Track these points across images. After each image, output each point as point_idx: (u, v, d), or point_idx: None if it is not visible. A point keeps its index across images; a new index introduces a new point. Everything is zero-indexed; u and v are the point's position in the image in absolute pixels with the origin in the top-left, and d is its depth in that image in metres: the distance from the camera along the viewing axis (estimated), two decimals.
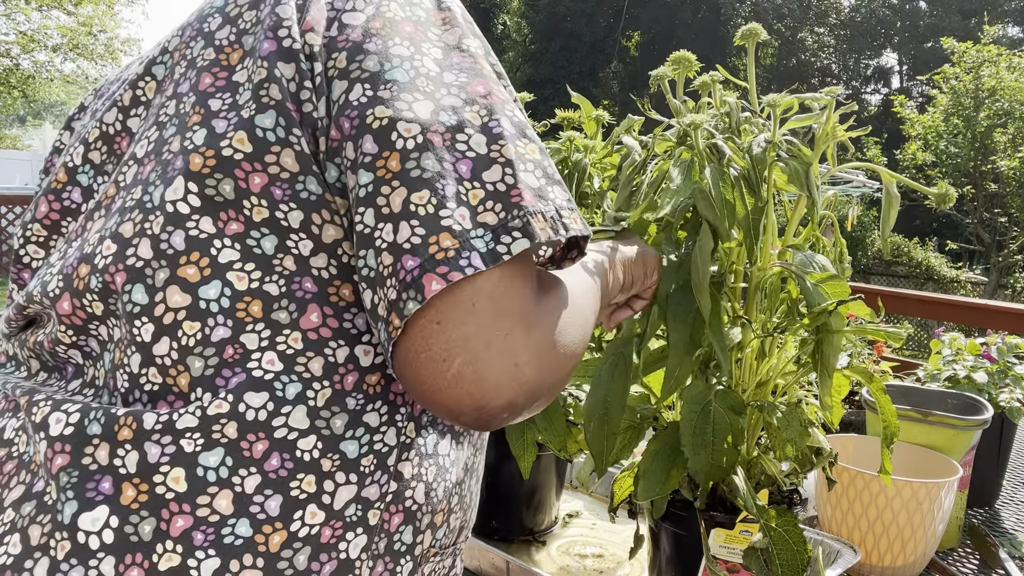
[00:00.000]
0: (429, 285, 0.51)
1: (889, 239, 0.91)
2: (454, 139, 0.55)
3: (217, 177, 0.57)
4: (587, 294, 0.69)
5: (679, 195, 0.82)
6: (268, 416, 0.55)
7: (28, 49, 14.97)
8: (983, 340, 1.53)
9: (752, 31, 0.87)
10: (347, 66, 0.58)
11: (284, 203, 0.58)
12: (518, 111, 0.60)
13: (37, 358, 0.67)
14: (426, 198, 0.53)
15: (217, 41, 0.64)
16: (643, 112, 0.99)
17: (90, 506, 0.54)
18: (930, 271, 14.23)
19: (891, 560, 1.12)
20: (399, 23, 0.60)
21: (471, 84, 0.59)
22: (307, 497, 0.56)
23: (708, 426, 0.85)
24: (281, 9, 0.61)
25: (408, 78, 0.57)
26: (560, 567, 1.15)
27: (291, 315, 0.57)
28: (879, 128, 20.17)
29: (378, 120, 0.55)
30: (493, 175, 0.55)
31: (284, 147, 0.58)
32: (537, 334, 0.55)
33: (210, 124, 0.59)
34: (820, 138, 0.87)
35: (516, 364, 0.53)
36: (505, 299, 0.53)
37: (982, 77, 13.04)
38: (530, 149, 0.58)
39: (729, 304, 0.90)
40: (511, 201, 0.55)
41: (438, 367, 0.52)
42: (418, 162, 0.54)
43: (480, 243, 0.53)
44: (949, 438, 1.22)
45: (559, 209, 0.57)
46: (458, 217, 0.53)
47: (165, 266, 0.57)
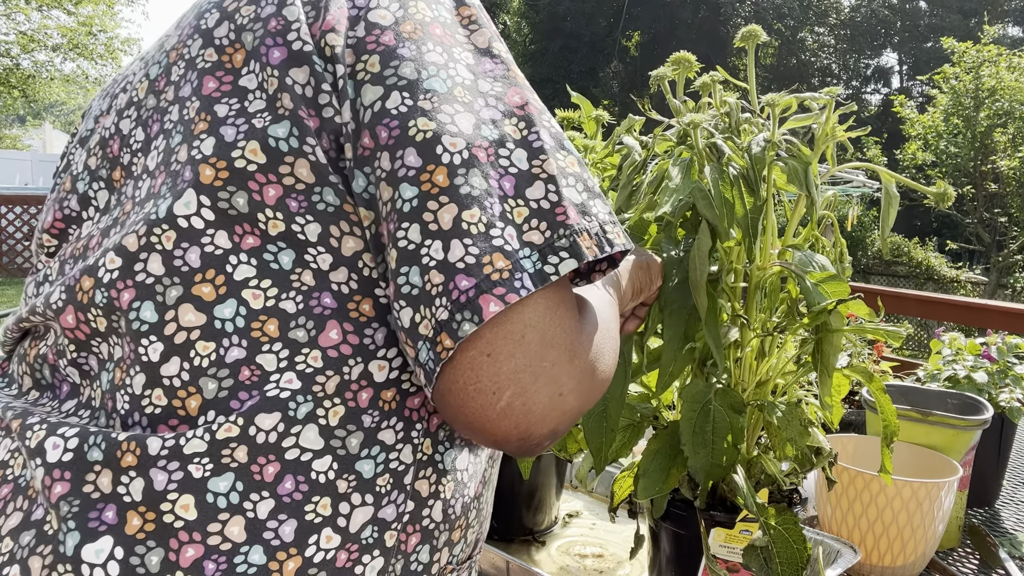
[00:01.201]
0: (487, 306, 0.50)
1: (889, 239, 0.91)
2: (497, 154, 0.54)
3: (230, 190, 0.55)
4: (612, 312, 0.68)
5: (678, 194, 0.82)
6: (279, 437, 0.53)
7: (28, 49, 14.97)
8: (983, 340, 1.53)
9: (752, 33, 0.87)
10: (382, 71, 0.55)
11: (300, 215, 0.56)
12: (553, 120, 0.59)
13: (32, 375, 0.64)
14: (477, 216, 0.52)
15: (217, 40, 0.61)
16: (643, 112, 0.99)
17: (93, 537, 0.51)
18: (930, 271, 14.23)
19: (891, 560, 1.12)
20: (429, 25, 0.58)
21: (507, 94, 0.57)
22: (322, 521, 0.54)
23: (708, 425, 0.85)
24: (288, 11, 0.59)
25: (446, 88, 0.55)
26: (560, 567, 1.15)
27: (309, 333, 0.55)
28: (879, 128, 20.17)
29: (422, 132, 0.53)
30: (536, 192, 0.54)
31: (298, 157, 0.56)
32: (579, 362, 0.55)
33: (218, 132, 0.57)
34: (820, 138, 0.87)
35: (561, 394, 0.53)
36: (552, 329, 0.53)
37: (982, 77, 13.05)
38: (569, 162, 0.57)
39: (729, 303, 0.90)
40: (556, 220, 0.53)
41: (487, 400, 0.51)
42: (466, 178, 0.52)
43: (528, 263, 0.52)
44: (949, 438, 1.22)
45: (603, 224, 0.56)
46: (507, 236, 0.52)
47: (178, 283, 0.55)
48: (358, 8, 0.58)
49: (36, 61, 15.54)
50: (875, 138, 17.54)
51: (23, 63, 15.38)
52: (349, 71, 0.56)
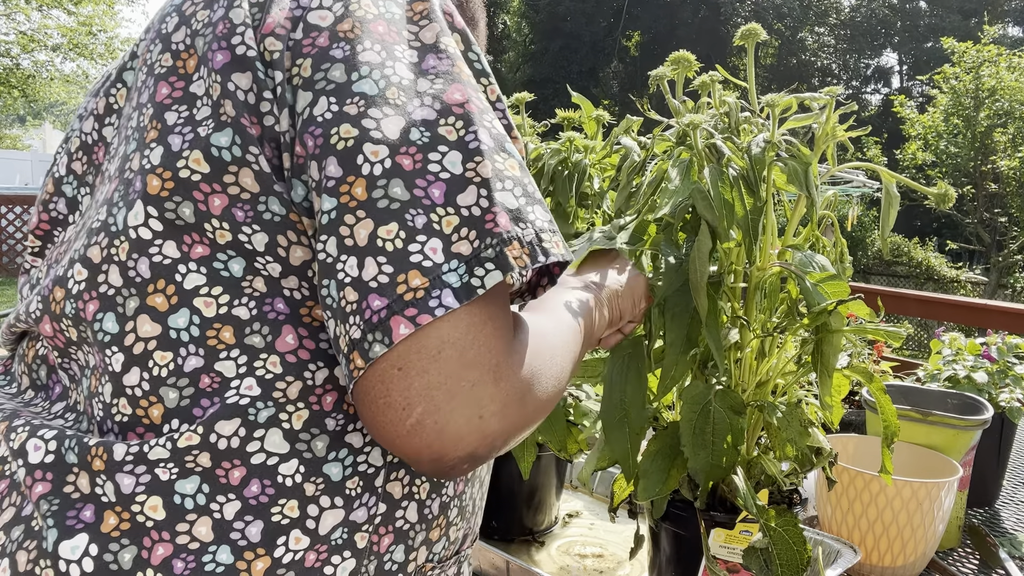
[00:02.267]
0: (397, 328, 0.48)
1: (889, 239, 0.91)
2: (426, 159, 0.51)
3: (176, 200, 0.55)
4: (567, 340, 0.65)
5: (678, 195, 0.82)
6: (241, 442, 0.53)
7: (28, 49, 14.97)
8: (983, 340, 1.53)
9: (752, 31, 0.87)
10: (312, 75, 0.53)
11: (247, 225, 0.55)
12: (497, 121, 0.56)
13: (28, 375, 0.66)
14: (394, 231, 0.49)
15: (173, 45, 0.60)
16: (643, 112, 0.99)
17: (70, 534, 0.53)
18: (930, 271, 14.23)
19: (891, 560, 1.12)
20: (370, 23, 0.55)
21: (447, 92, 0.54)
22: (290, 523, 0.54)
23: (708, 426, 0.85)
24: (234, 13, 0.57)
25: (378, 89, 0.53)
26: (560, 567, 1.14)
27: (265, 339, 0.55)
28: (879, 128, 20.17)
29: (343, 140, 0.51)
30: (468, 198, 0.51)
31: (242, 166, 0.54)
32: (506, 386, 0.51)
33: (166, 141, 0.56)
34: (819, 138, 0.87)
35: (480, 416, 0.50)
36: (474, 348, 0.50)
37: (982, 77, 13.05)
38: (509, 164, 0.54)
39: (729, 304, 0.90)
40: (485, 227, 0.51)
41: (397, 414, 0.49)
42: (386, 190, 0.50)
43: (453, 277, 0.49)
44: (949, 438, 1.22)
45: (539, 232, 0.53)
46: (428, 251, 0.50)
47: (135, 294, 0.55)
48: (302, 8, 0.56)
49: (36, 61, 15.53)
50: (875, 138, 17.54)
51: (23, 63, 15.38)
52: (287, 76, 0.54)
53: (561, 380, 0.60)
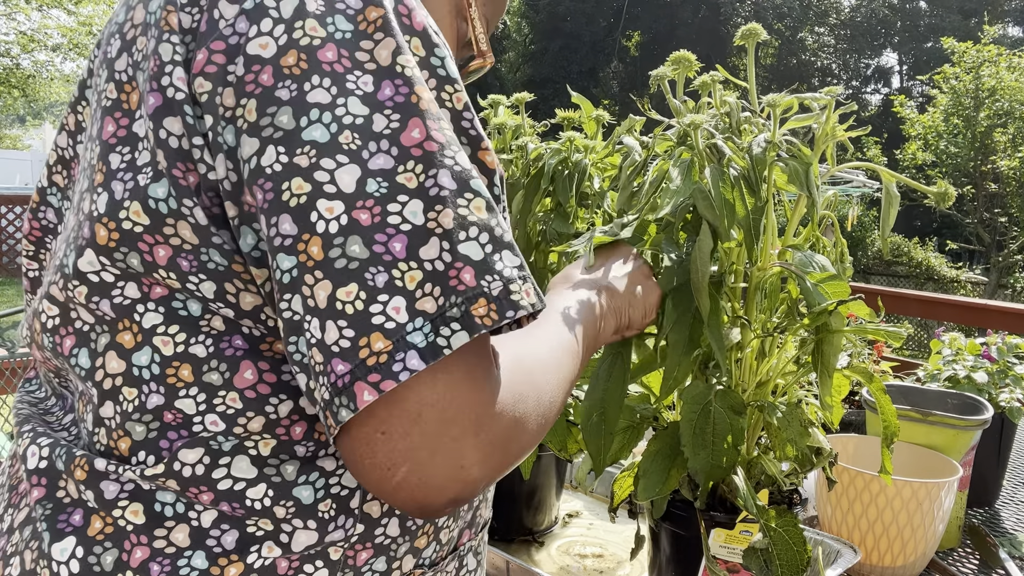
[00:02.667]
0: (361, 395, 0.47)
1: (889, 239, 0.91)
2: (385, 212, 0.48)
3: (123, 251, 0.54)
4: (561, 365, 0.63)
5: (679, 195, 0.82)
6: (206, 470, 0.54)
7: (28, 49, 14.96)
8: (983, 340, 1.53)
9: (752, 31, 0.87)
10: (258, 120, 0.49)
11: (193, 274, 0.53)
12: (460, 153, 0.51)
13: (49, 382, 0.67)
14: (353, 293, 0.47)
15: (117, 75, 0.57)
16: (643, 112, 0.99)
17: (59, 537, 0.55)
18: (930, 271, 14.23)
19: (891, 560, 1.12)
20: (317, 51, 0.50)
21: (404, 131, 0.50)
22: (264, 535, 0.55)
23: (708, 426, 0.85)
24: (163, 49, 0.53)
25: (329, 135, 0.49)
26: (560, 567, 1.14)
27: (223, 375, 0.54)
28: (879, 128, 20.17)
29: (295, 196, 0.48)
30: (431, 251, 0.48)
31: (178, 219, 0.53)
32: (487, 436, 0.50)
33: (110, 187, 0.54)
34: (820, 138, 0.87)
35: (462, 467, 0.49)
36: (453, 406, 0.49)
37: (982, 77, 13.05)
38: (475, 206, 0.50)
39: (729, 304, 0.90)
40: (449, 284, 0.48)
41: (383, 474, 0.49)
42: (343, 249, 0.47)
43: (418, 337, 0.47)
44: (949, 438, 1.22)
45: (507, 283, 0.50)
46: (391, 311, 0.47)
47: (106, 331, 0.56)
48: (238, 36, 0.51)
49: (36, 61, 15.53)
50: (875, 138, 17.54)
51: (23, 63, 15.38)
52: (229, 115, 0.50)
53: (550, 414, 0.58)
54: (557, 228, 1.16)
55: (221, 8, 0.52)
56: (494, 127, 1.28)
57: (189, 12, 0.53)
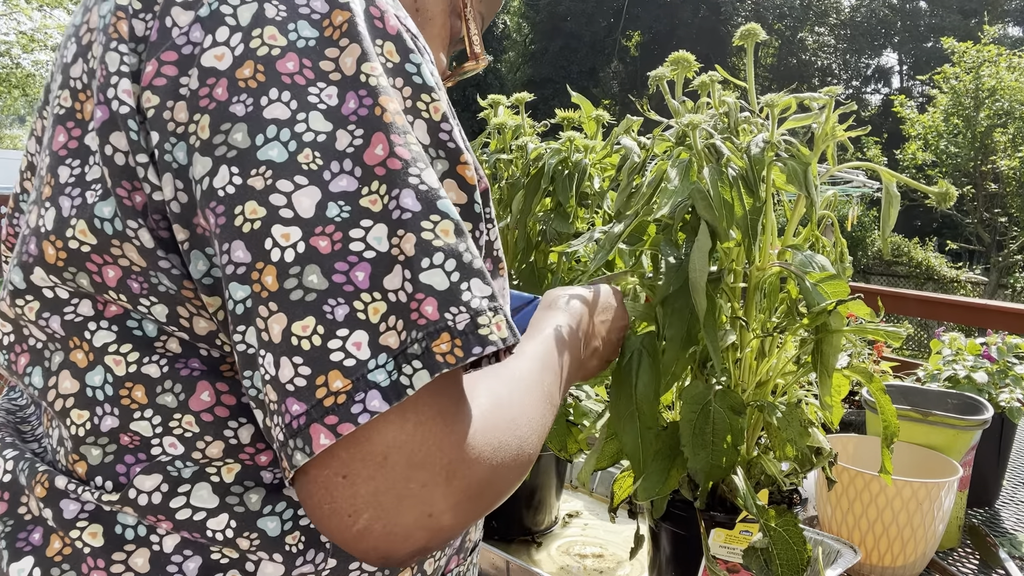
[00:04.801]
0: (317, 439, 0.43)
1: (889, 239, 0.91)
2: (347, 238, 0.44)
3: (71, 271, 0.51)
4: (543, 415, 0.59)
5: (677, 196, 0.82)
6: (163, 498, 0.50)
7: (28, 49, 14.96)
8: (983, 340, 1.53)
9: (751, 31, 0.87)
10: (211, 138, 0.45)
11: (144, 296, 0.50)
12: (428, 171, 0.47)
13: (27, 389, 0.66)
14: (311, 327, 0.43)
15: (72, 81, 0.53)
16: (643, 112, 0.99)
17: (17, 556, 0.53)
18: (930, 271, 14.23)
19: (891, 560, 1.12)
20: (276, 61, 0.46)
21: (368, 147, 0.46)
22: (229, 563, 0.52)
23: (708, 426, 0.85)
24: (110, 58, 0.49)
25: (287, 154, 0.45)
26: (560, 567, 1.14)
27: (178, 397, 0.51)
28: (879, 128, 20.17)
29: (249, 222, 0.44)
30: (394, 281, 0.44)
31: (124, 241, 0.49)
32: (460, 483, 0.46)
33: (58, 202, 0.51)
34: (819, 138, 0.87)
35: (431, 515, 0.45)
36: (423, 449, 0.45)
37: (982, 77, 13.05)
38: (441, 230, 0.46)
39: (729, 304, 0.90)
40: (410, 318, 0.44)
41: (343, 521, 0.45)
42: (300, 279, 0.43)
43: (381, 375, 0.43)
44: (949, 438, 1.22)
45: (475, 315, 0.45)
46: (351, 346, 0.43)
47: (59, 349, 0.53)
48: (192, 45, 0.47)
49: (36, 61, 15.53)
50: (875, 138, 17.54)
51: (23, 63, 15.38)
52: (181, 131, 0.47)
53: (528, 465, 0.54)
54: (557, 228, 1.16)
55: (174, 15, 0.48)
56: (494, 127, 1.28)
57: (142, 19, 0.49)
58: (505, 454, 0.50)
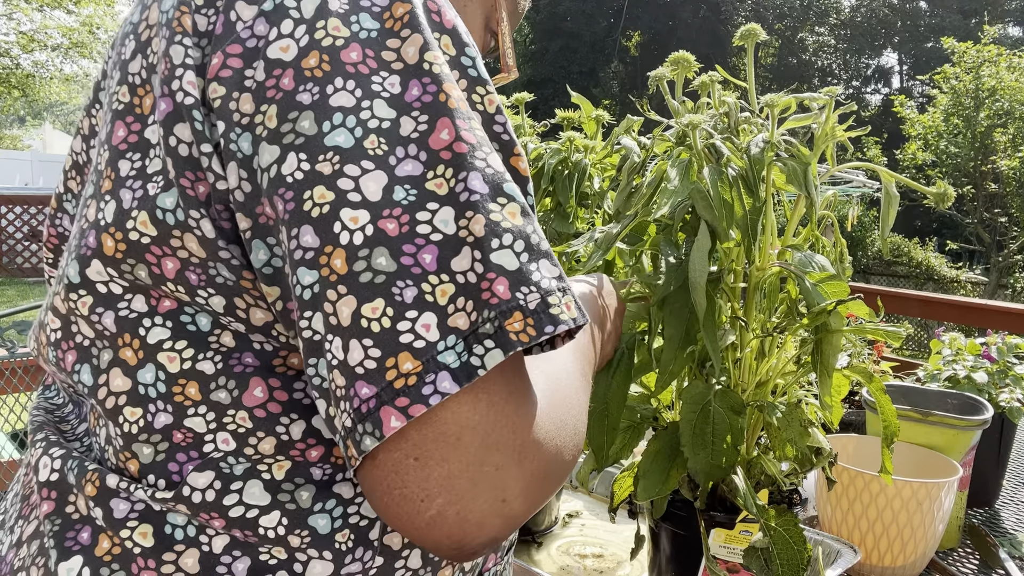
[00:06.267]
0: (388, 421, 0.43)
1: (889, 239, 0.91)
2: (414, 221, 0.45)
3: (130, 263, 0.51)
4: (586, 393, 0.60)
5: (677, 196, 0.82)
6: (217, 495, 0.51)
7: (28, 49, 14.96)
8: (983, 340, 1.53)
9: (751, 31, 0.87)
10: (278, 126, 0.46)
11: (202, 288, 0.51)
12: (493, 154, 0.48)
13: (65, 388, 0.65)
14: (380, 309, 0.43)
15: (131, 77, 0.54)
16: (642, 112, 0.99)
17: (66, 556, 0.53)
18: (930, 271, 14.23)
19: (891, 560, 1.12)
20: (341, 51, 0.47)
21: (433, 132, 0.46)
22: (277, 564, 0.52)
23: (708, 426, 0.85)
24: (174, 51, 0.50)
25: (354, 140, 0.45)
26: (560, 567, 1.14)
27: (231, 394, 0.51)
28: (879, 128, 20.17)
29: (317, 206, 0.45)
30: (463, 262, 0.44)
31: (185, 231, 0.50)
32: (531, 466, 0.46)
33: (119, 195, 0.52)
34: (819, 138, 0.87)
35: (504, 500, 0.45)
36: (496, 430, 0.44)
37: (982, 77, 13.04)
38: (509, 212, 0.46)
39: (728, 304, 0.90)
40: (481, 297, 0.44)
41: (415, 507, 0.44)
42: (368, 262, 0.44)
43: (451, 356, 0.43)
44: (949, 438, 1.22)
45: (546, 295, 0.45)
46: (421, 328, 0.43)
47: (108, 347, 0.53)
48: (257, 38, 0.48)
49: (36, 61, 15.54)
50: (875, 138, 17.55)
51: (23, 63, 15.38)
52: (246, 121, 0.47)
53: (581, 445, 0.54)
54: (557, 228, 1.16)
55: (238, 9, 0.49)
56: None
57: (205, 14, 0.50)
58: (566, 435, 0.50)
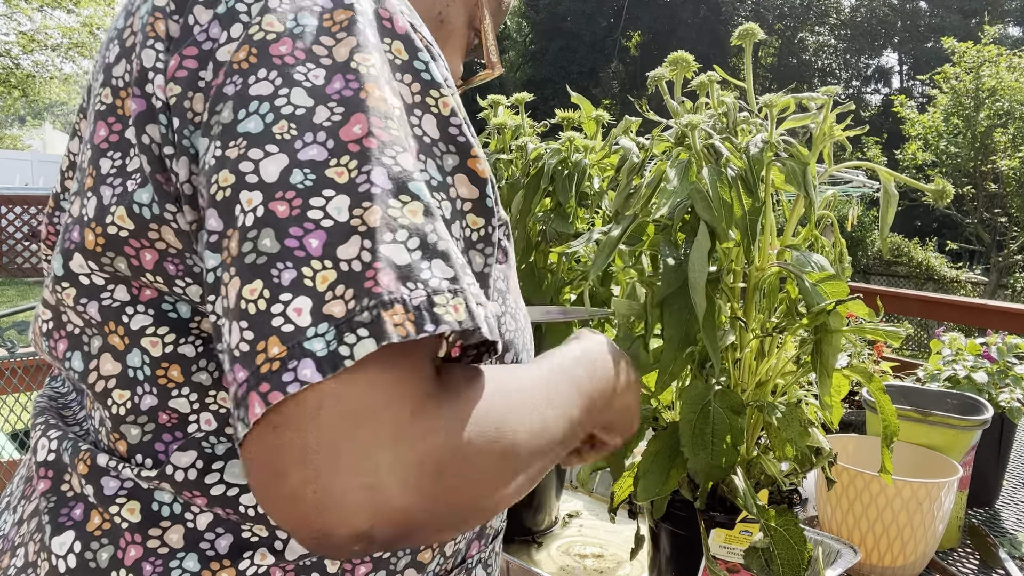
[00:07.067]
0: (252, 407, 0.41)
1: (889, 239, 0.91)
2: (306, 205, 0.44)
3: (110, 255, 0.53)
4: (534, 412, 0.53)
5: (676, 196, 0.82)
6: (199, 475, 0.52)
7: (28, 49, 14.97)
8: (983, 340, 1.53)
9: (749, 31, 0.87)
10: (208, 119, 0.48)
11: (179, 278, 0.53)
12: (405, 157, 0.47)
13: (68, 378, 0.67)
14: (257, 291, 0.43)
15: (114, 80, 0.55)
16: (642, 113, 0.99)
17: (60, 530, 0.56)
18: (930, 271, 14.22)
19: (891, 560, 1.12)
20: (271, 44, 0.48)
21: (345, 124, 0.46)
22: (259, 541, 0.54)
23: (708, 426, 0.85)
24: (146, 55, 0.52)
25: (263, 125, 0.45)
26: (560, 567, 1.14)
27: (212, 375, 0.53)
28: (879, 128, 20.17)
29: (221, 190, 0.45)
30: (350, 250, 0.43)
31: (161, 224, 0.51)
32: (408, 450, 0.42)
33: (99, 192, 0.53)
34: (818, 138, 0.87)
35: (374, 486, 0.41)
36: (364, 404, 0.42)
37: (982, 77, 13.04)
38: (409, 210, 0.45)
39: (728, 304, 0.90)
40: (363, 286, 0.42)
41: (270, 482, 0.42)
42: (255, 243, 0.43)
43: (319, 343, 0.41)
44: (949, 438, 1.22)
45: (432, 294, 0.44)
46: (292, 312, 0.42)
47: (97, 334, 0.55)
48: (212, 41, 0.50)
49: (36, 61, 15.54)
50: (875, 138, 17.55)
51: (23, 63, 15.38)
52: (198, 120, 0.49)
53: (512, 454, 0.49)
54: (557, 228, 1.16)
55: (196, 13, 0.51)
56: (494, 127, 1.28)
57: (176, 20, 0.52)
58: (478, 435, 0.46)
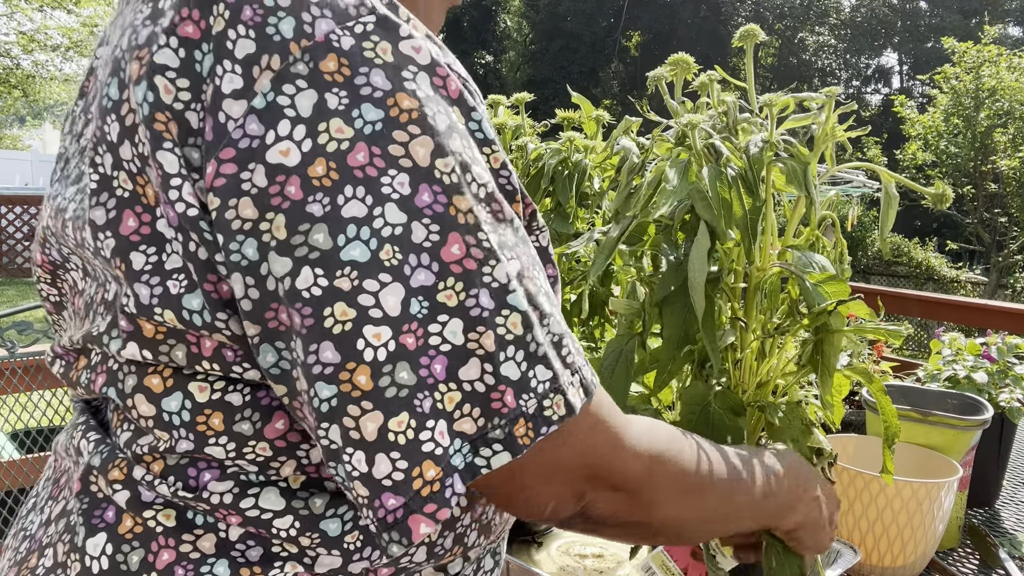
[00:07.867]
0: (417, 528, 0.47)
1: (889, 239, 0.91)
2: (426, 333, 0.46)
3: (170, 343, 0.52)
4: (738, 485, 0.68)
5: (676, 196, 0.82)
6: (234, 499, 0.54)
7: (28, 50, 14.96)
8: (983, 340, 1.53)
9: (750, 32, 0.87)
10: (288, 238, 0.45)
11: (237, 364, 0.52)
12: (500, 265, 0.49)
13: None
14: (405, 422, 0.46)
15: (126, 164, 0.51)
16: (642, 113, 0.99)
17: (93, 532, 0.56)
18: (930, 271, 14.22)
19: (891, 560, 1.12)
20: (348, 154, 0.46)
21: (445, 245, 0.47)
22: (288, 555, 0.55)
23: (708, 427, 0.85)
24: (164, 159, 0.48)
25: (369, 253, 0.45)
26: (560, 567, 1.14)
27: (255, 425, 0.53)
28: (879, 128, 20.17)
29: (339, 323, 0.45)
30: (471, 372, 0.48)
31: (213, 332, 0.51)
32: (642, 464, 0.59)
33: (134, 289, 0.51)
34: (819, 138, 0.87)
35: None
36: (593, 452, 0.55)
37: (982, 77, 13.04)
38: (511, 323, 0.49)
39: (728, 304, 0.90)
40: (491, 407, 0.48)
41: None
42: (392, 377, 0.46)
43: (458, 459, 0.47)
44: (949, 438, 1.22)
45: (541, 399, 0.50)
46: (438, 436, 0.47)
47: (134, 372, 0.55)
48: (251, 138, 0.46)
49: (36, 61, 15.53)
50: (875, 138, 17.55)
51: (23, 63, 15.38)
52: (249, 227, 0.46)
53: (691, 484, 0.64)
54: (557, 228, 1.16)
55: (226, 108, 0.46)
56: (494, 127, 1.28)
57: (194, 110, 0.48)
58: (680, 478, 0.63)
